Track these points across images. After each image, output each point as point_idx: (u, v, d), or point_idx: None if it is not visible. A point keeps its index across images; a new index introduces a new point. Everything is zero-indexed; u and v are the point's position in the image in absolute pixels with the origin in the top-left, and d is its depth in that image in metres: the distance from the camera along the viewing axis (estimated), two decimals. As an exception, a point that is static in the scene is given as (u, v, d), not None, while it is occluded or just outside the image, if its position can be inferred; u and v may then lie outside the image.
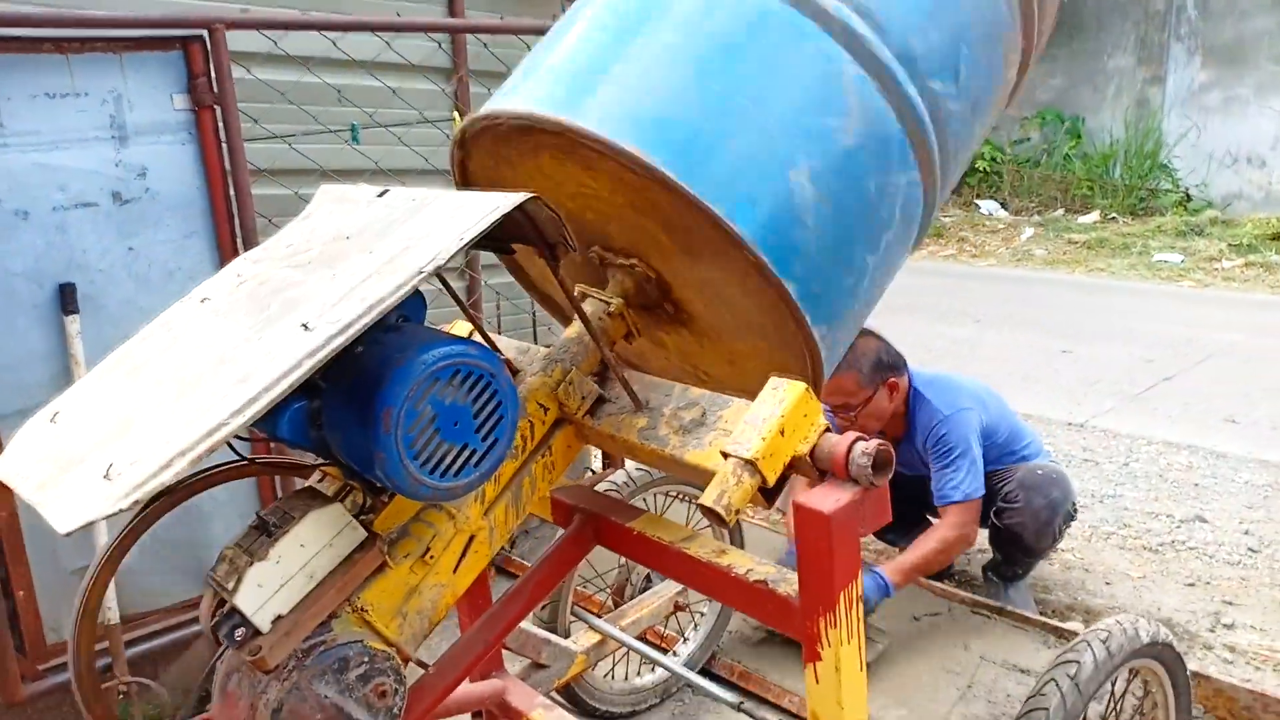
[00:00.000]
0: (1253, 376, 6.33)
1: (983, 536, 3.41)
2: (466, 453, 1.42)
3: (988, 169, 14.06)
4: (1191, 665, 2.89)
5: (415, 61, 3.33)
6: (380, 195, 1.59)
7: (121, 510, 1.07)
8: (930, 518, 3.42)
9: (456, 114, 3.49)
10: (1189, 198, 12.56)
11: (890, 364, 3.09)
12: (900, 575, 2.87)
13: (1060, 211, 13.10)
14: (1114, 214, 12.57)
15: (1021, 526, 3.17)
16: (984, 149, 14.03)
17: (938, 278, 10.45)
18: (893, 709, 2.74)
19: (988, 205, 13.76)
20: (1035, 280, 10.26)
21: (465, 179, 1.86)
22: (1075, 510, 3.30)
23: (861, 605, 1.53)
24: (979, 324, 8.22)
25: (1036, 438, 3.45)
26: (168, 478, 1.09)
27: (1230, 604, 3.50)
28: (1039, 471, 3.21)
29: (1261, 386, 6.10)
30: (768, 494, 1.48)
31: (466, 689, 2.20)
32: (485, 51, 3.51)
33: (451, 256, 1.29)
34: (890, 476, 1.46)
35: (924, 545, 2.98)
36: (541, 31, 3.44)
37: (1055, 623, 3.05)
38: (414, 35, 3.32)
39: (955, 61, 1.69)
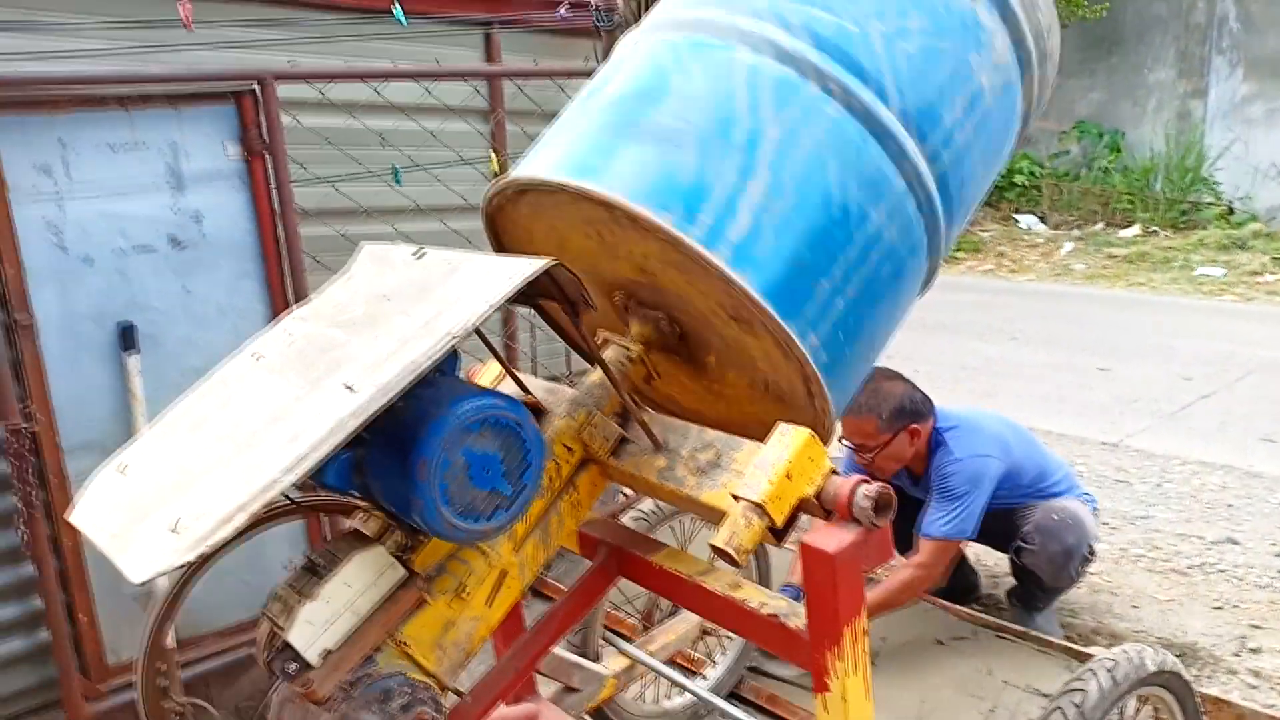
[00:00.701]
0: (1292, 395, 6.30)
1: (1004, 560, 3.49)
2: (497, 497, 1.54)
3: (1026, 183, 14.03)
4: (1214, 690, 2.95)
5: (454, 105, 3.48)
6: (417, 257, 1.72)
7: (188, 562, 1.20)
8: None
9: (493, 154, 3.64)
10: (1232, 211, 12.44)
11: (913, 410, 3.12)
12: None
13: (1100, 225, 13.04)
14: (1155, 228, 12.49)
15: (1038, 568, 3.24)
16: (1023, 163, 14.03)
17: (975, 293, 10.46)
18: (916, 732, 2.82)
19: (1026, 219, 13.72)
20: (1074, 296, 10.22)
21: (497, 235, 1.99)
22: (1093, 553, 3.32)
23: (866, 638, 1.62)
24: (1015, 341, 8.23)
25: (1069, 472, 3.49)
26: (228, 532, 1.22)
27: (1258, 628, 3.52)
28: (1055, 516, 3.23)
29: (1300, 405, 6.07)
30: (777, 533, 1.58)
31: (501, 713, 2.32)
32: (520, 94, 3.66)
33: (480, 320, 1.41)
34: (891, 519, 1.55)
35: (888, 584, 3.04)
36: (572, 74, 3.61)
37: (1078, 647, 3.10)
38: (453, 80, 3.47)
39: (956, 125, 1.79)
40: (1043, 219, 13.69)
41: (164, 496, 1.38)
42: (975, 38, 1.84)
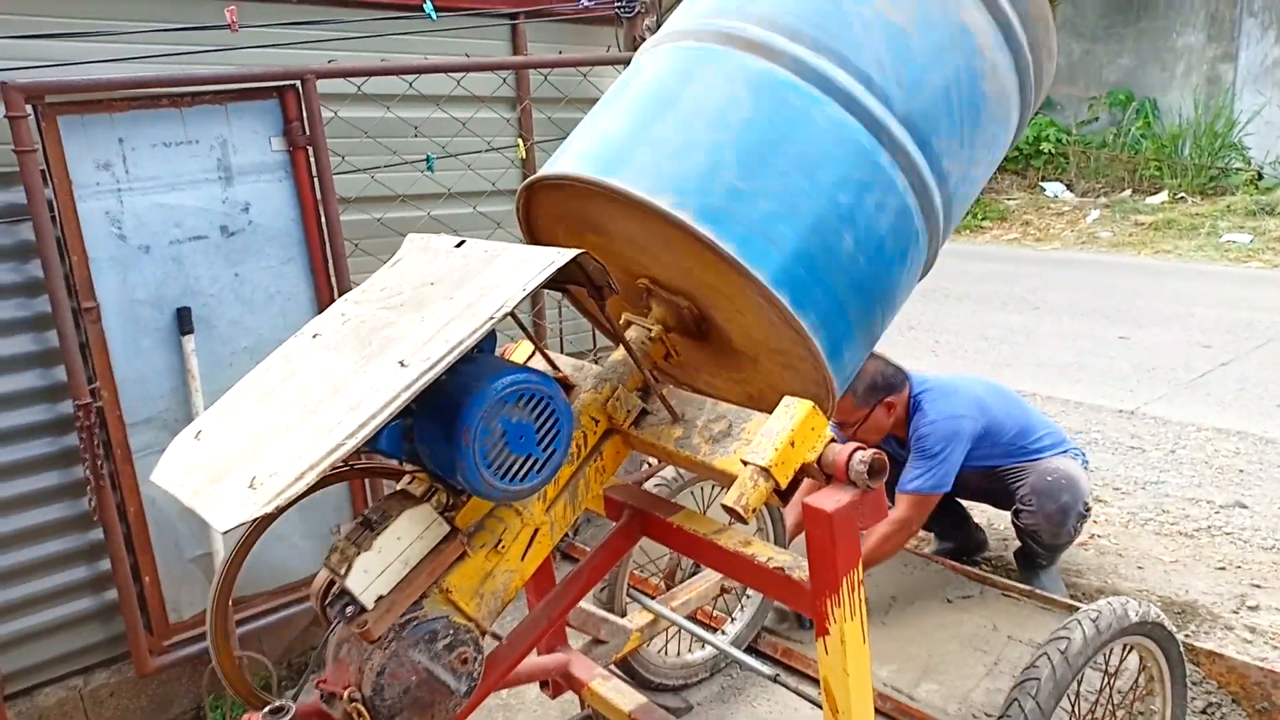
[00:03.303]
0: (1310, 361, 6.36)
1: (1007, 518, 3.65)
2: (530, 461, 1.73)
3: (1053, 151, 13.97)
4: (1210, 644, 3.11)
5: (483, 95, 3.65)
6: (458, 245, 1.90)
7: (268, 513, 1.40)
8: (959, 500, 3.71)
9: (520, 141, 3.81)
10: (1260, 176, 12.37)
11: (886, 385, 3.31)
12: None
13: (1128, 193, 13.00)
14: (1183, 194, 12.44)
15: (1037, 527, 3.41)
16: (1050, 131, 13.98)
17: (999, 263, 10.52)
18: (924, 682, 2.99)
19: (1053, 188, 13.70)
20: (1099, 264, 10.24)
21: (530, 225, 2.16)
22: (1089, 509, 3.47)
23: (862, 588, 1.79)
24: (1038, 311, 8.30)
25: (1055, 429, 3.63)
26: (300, 488, 1.41)
27: (1258, 587, 3.66)
28: (1049, 478, 3.39)
29: (1318, 371, 6.14)
30: (782, 495, 1.76)
31: (535, 660, 2.53)
32: (546, 82, 3.82)
33: (517, 304, 1.59)
34: (883, 481, 1.72)
35: (867, 540, 3.21)
36: (595, 63, 3.76)
37: (1078, 604, 3.27)
38: (481, 72, 3.64)
39: (956, 125, 1.93)
40: (1070, 187, 13.66)
41: (239, 458, 1.58)
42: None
